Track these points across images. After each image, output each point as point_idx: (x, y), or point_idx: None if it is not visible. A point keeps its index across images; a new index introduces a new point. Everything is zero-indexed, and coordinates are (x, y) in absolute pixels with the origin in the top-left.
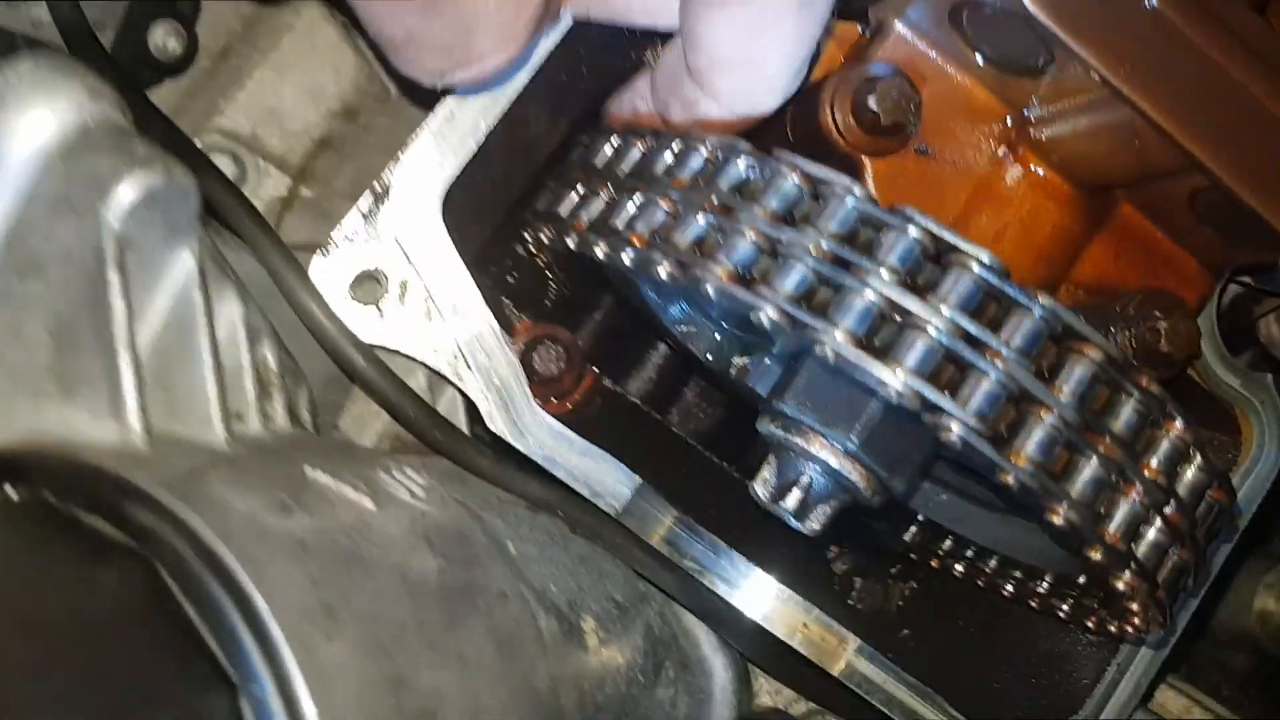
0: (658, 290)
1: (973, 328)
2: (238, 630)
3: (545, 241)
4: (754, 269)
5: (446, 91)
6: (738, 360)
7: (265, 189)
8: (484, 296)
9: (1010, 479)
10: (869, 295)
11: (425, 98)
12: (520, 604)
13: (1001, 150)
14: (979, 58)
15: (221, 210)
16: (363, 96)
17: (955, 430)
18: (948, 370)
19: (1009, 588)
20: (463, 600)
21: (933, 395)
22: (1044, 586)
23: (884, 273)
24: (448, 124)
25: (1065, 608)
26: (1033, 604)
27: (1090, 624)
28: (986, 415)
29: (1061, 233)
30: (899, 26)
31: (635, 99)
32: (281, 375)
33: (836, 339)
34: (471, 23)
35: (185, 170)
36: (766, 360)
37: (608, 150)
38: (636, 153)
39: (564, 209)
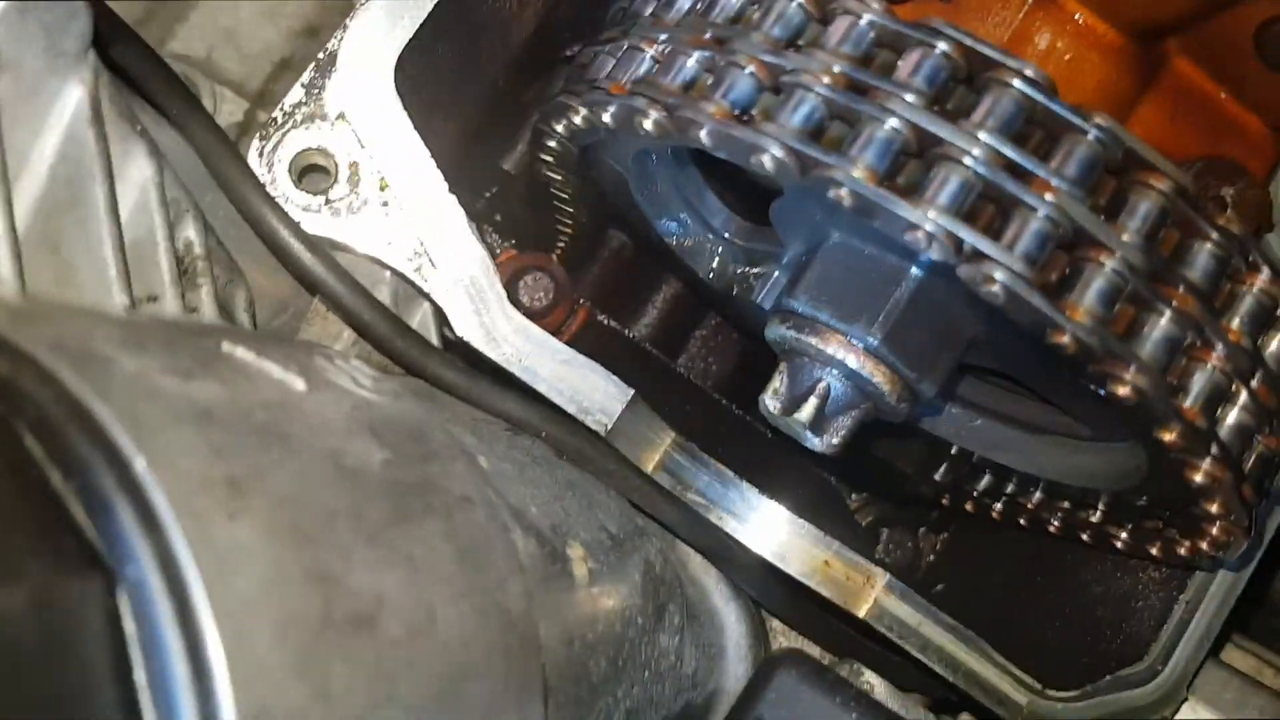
0: (648, 188)
1: (1016, 155)
2: (112, 499)
3: (535, 136)
4: (754, 107)
5: None
6: (743, 274)
7: (222, 114)
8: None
9: (1066, 337)
10: (892, 123)
11: None
12: (489, 513)
13: None
14: None
15: (143, 83)
16: (326, 11)
17: (1000, 279)
18: (987, 210)
19: (1056, 522)
20: (414, 496)
21: (971, 237)
22: (1098, 514)
23: (908, 96)
24: None
25: (1124, 536)
26: (1085, 537)
27: (1154, 550)
28: (1035, 258)
29: (1107, 88)
30: None
31: None
32: (210, 263)
33: (855, 176)
34: None
35: None
36: (775, 272)
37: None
38: (622, 3)
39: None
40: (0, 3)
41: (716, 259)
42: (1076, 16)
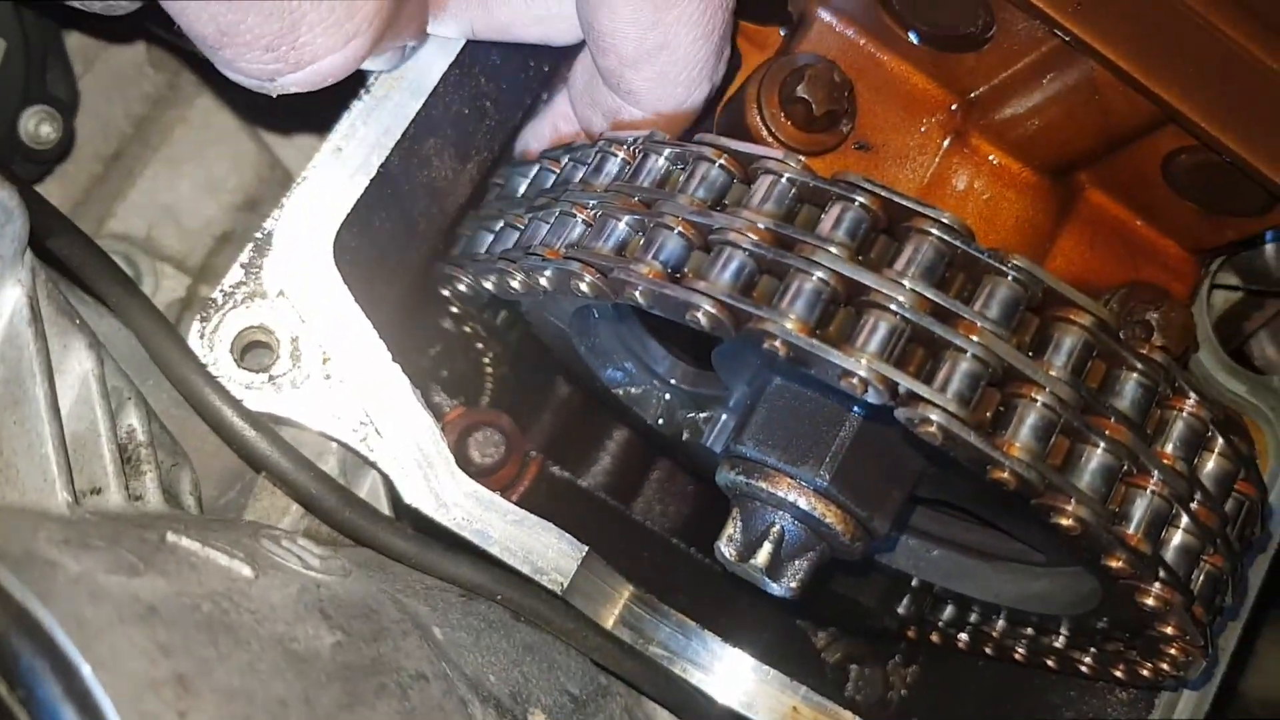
0: (590, 341)
1: (941, 299)
2: (59, 709)
3: (464, 292)
4: (686, 265)
5: None
6: (691, 419)
7: (164, 291)
8: (394, 357)
9: (1005, 473)
10: (819, 275)
11: None
12: (445, 687)
13: (948, 140)
14: (913, 37)
15: (81, 272)
16: (265, 185)
17: (935, 420)
18: (918, 354)
19: (1021, 650)
20: (367, 678)
21: (905, 381)
22: (1060, 639)
23: (833, 248)
24: (335, 160)
25: (1088, 660)
26: (1050, 663)
27: (1119, 673)
28: (968, 398)
29: (1025, 224)
30: (822, 14)
31: (556, 121)
32: (153, 449)
33: (788, 328)
34: (295, 15)
35: (6, 184)
36: (722, 416)
37: (520, 181)
38: (551, 175)
39: (478, 248)
40: None
41: (663, 405)
42: (990, 158)
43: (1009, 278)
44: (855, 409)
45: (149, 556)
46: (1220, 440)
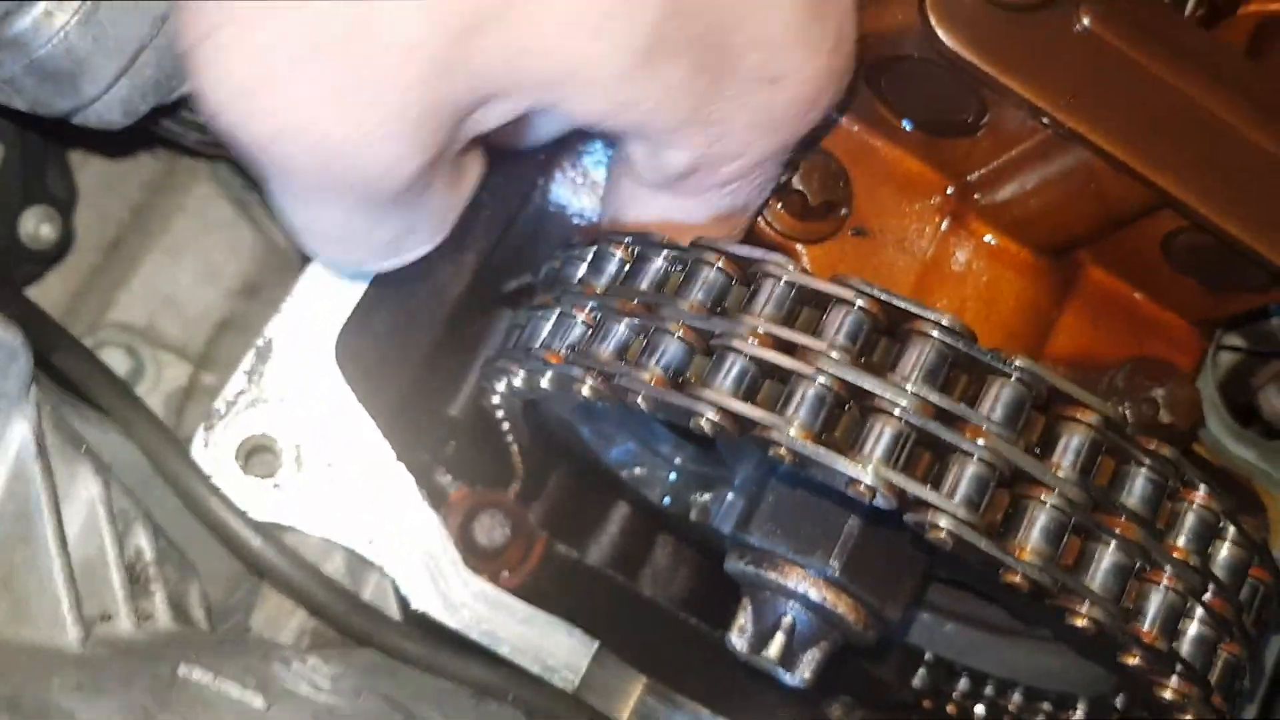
0: (594, 424)
1: (944, 402)
2: None
3: (475, 394)
4: (688, 370)
5: None
6: (697, 499)
7: (165, 380)
8: (399, 455)
9: (1017, 577)
10: (821, 381)
11: None
12: None
13: (946, 223)
14: (906, 124)
15: (83, 385)
16: (263, 270)
17: (945, 526)
18: (924, 458)
19: None
20: None
21: (912, 487)
22: (1079, 714)
23: (834, 353)
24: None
25: None
26: None
27: None
28: (978, 503)
29: (1027, 304)
30: None
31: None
32: (161, 566)
33: (791, 436)
34: (415, 223)
35: (10, 324)
36: (729, 495)
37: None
38: (553, 269)
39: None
40: None
41: (669, 485)
42: (988, 239)
43: (1013, 378)
44: None
45: (162, 696)
46: (1232, 529)
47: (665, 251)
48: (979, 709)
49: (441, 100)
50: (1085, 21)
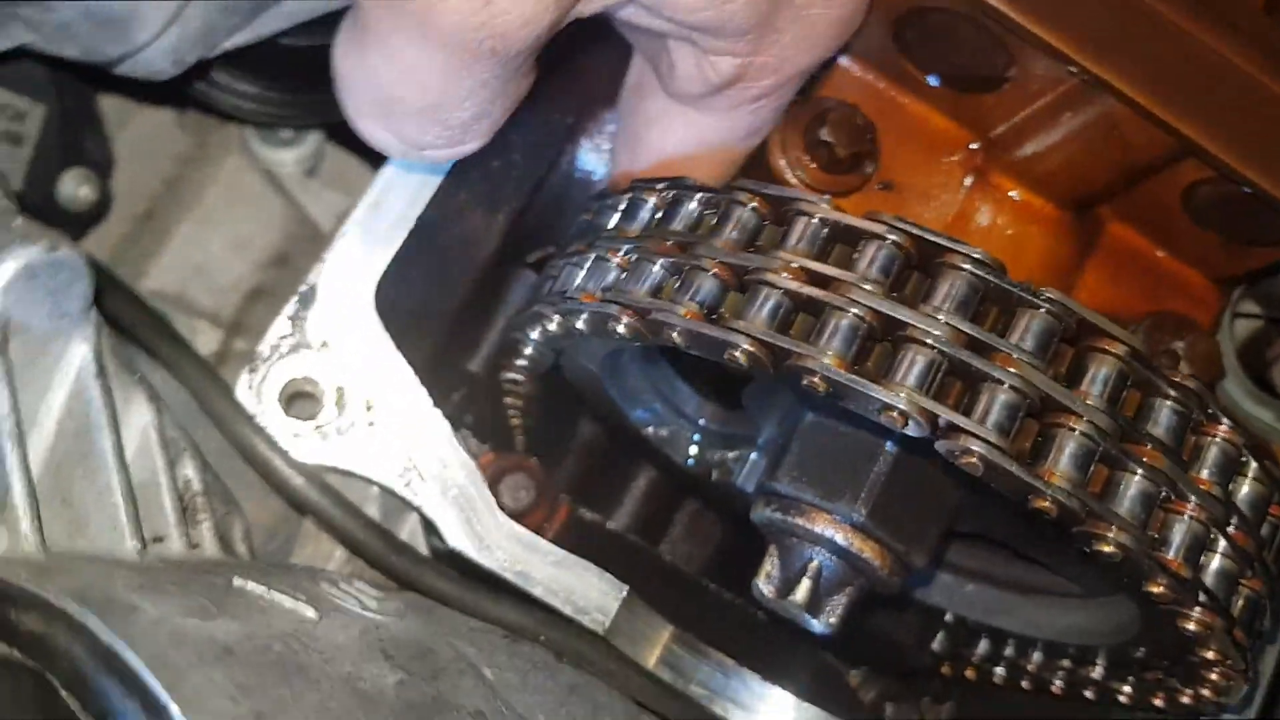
0: (619, 382)
1: (977, 332)
2: None
3: (506, 350)
4: (722, 306)
5: None
6: (721, 459)
7: (198, 346)
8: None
9: (1046, 502)
10: (855, 312)
11: None
12: None
13: (970, 179)
14: (932, 80)
15: (133, 329)
16: (292, 241)
17: (977, 450)
18: (955, 387)
19: (1059, 682)
20: (431, 715)
21: (944, 412)
22: (1099, 670)
23: (868, 285)
24: (373, 214)
25: (1126, 690)
26: (1089, 695)
27: (1159, 702)
28: (1008, 429)
29: (1050, 258)
30: (841, 59)
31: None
32: (209, 498)
33: (826, 364)
34: (492, 106)
35: (72, 245)
36: (752, 455)
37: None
38: (585, 221)
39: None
40: (8, 269)
41: (693, 445)
42: (1012, 194)
43: (1042, 310)
44: (890, 444)
45: (219, 600)
46: (1254, 465)
47: (700, 195)
48: (998, 671)
49: None
50: None
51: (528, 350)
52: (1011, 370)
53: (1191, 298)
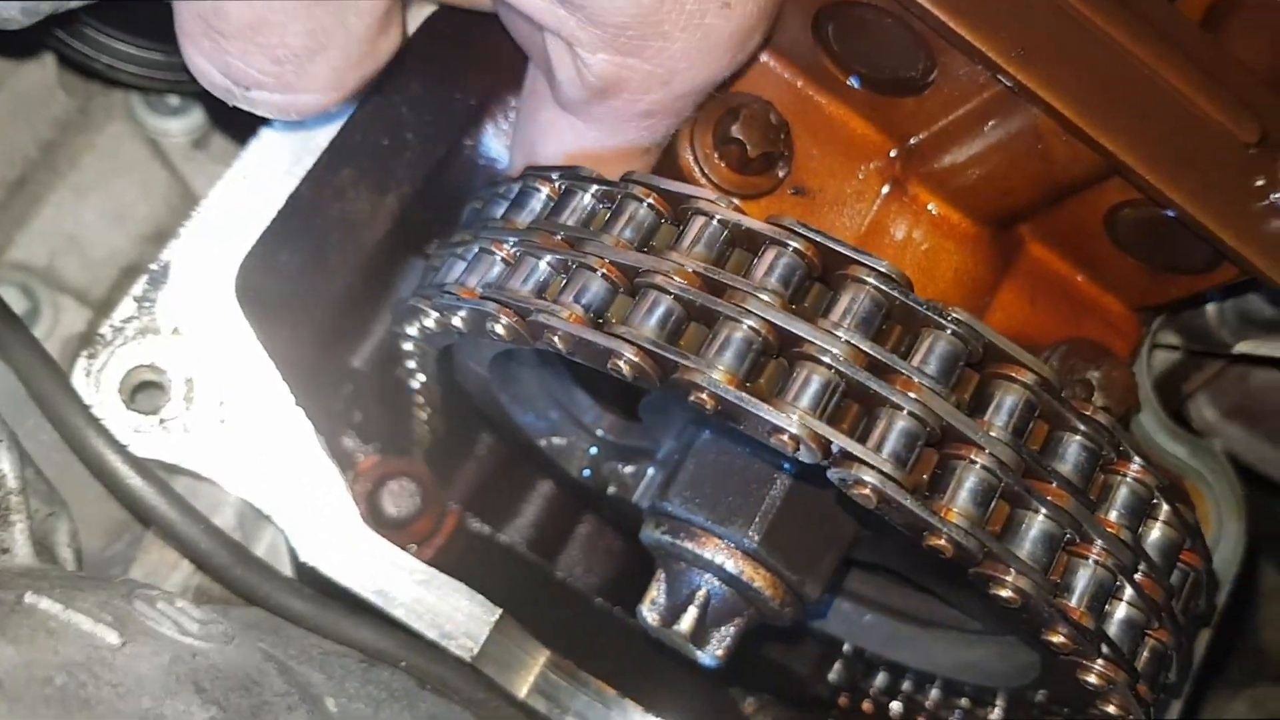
0: (512, 389)
1: (877, 352)
2: None
3: (383, 348)
4: (609, 310)
5: None
6: (618, 473)
7: (63, 325)
8: (299, 401)
9: (942, 540)
10: (749, 323)
11: None
12: None
13: (887, 187)
14: (852, 81)
15: None
16: (175, 216)
17: (870, 482)
18: (852, 410)
19: None
20: None
21: (837, 439)
22: (997, 712)
23: (764, 295)
24: (240, 188)
25: None
26: None
27: None
28: (904, 459)
29: (965, 277)
30: (760, 55)
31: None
32: (25, 496)
33: (715, 379)
34: (331, 38)
35: None
36: (650, 469)
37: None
38: (474, 209)
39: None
40: None
41: (589, 458)
42: (930, 207)
43: (948, 331)
44: (786, 467)
45: (1, 621)
46: (1165, 507)
47: (594, 187)
48: (895, 706)
49: None
50: None
51: (408, 347)
52: (912, 395)
53: (1110, 325)
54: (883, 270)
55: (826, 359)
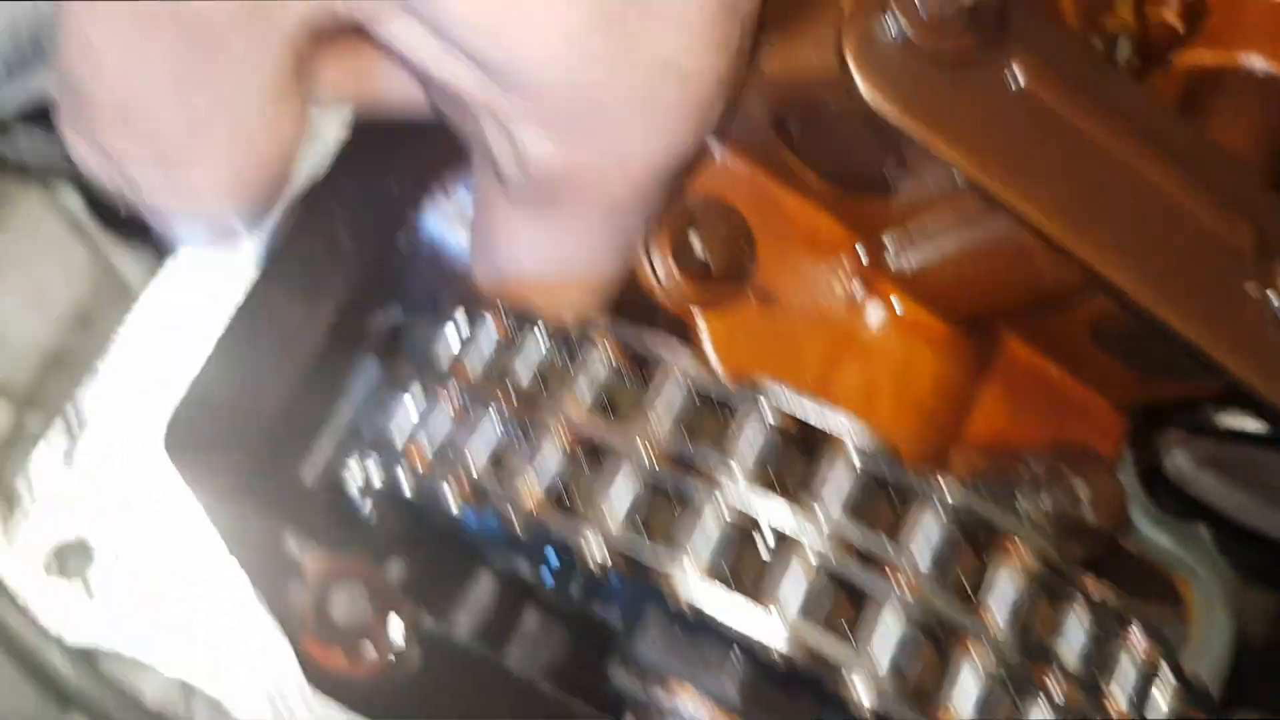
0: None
1: (869, 544)
2: None
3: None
4: (574, 487)
5: None
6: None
7: None
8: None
9: None
10: (727, 519)
11: None
12: None
13: (856, 289)
14: (816, 177)
15: None
16: (99, 298)
17: (865, 699)
18: (842, 605)
19: None
20: None
21: (832, 650)
22: None
23: (739, 480)
24: (168, 316)
25: None
26: None
27: None
28: (903, 668)
29: (943, 384)
30: (716, 150)
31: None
32: None
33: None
34: (210, 122)
35: None
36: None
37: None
38: (420, 338)
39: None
40: None
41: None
42: (902, 311)
43: (942, 514)
44: None
45: None
46: (1170, 676)
47: (549, 333)
48: None
49: None
50: (1020, 80)
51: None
52: (906, 591)
53: (1095, 424)
54: (867, 451)
55: (811, 556)
